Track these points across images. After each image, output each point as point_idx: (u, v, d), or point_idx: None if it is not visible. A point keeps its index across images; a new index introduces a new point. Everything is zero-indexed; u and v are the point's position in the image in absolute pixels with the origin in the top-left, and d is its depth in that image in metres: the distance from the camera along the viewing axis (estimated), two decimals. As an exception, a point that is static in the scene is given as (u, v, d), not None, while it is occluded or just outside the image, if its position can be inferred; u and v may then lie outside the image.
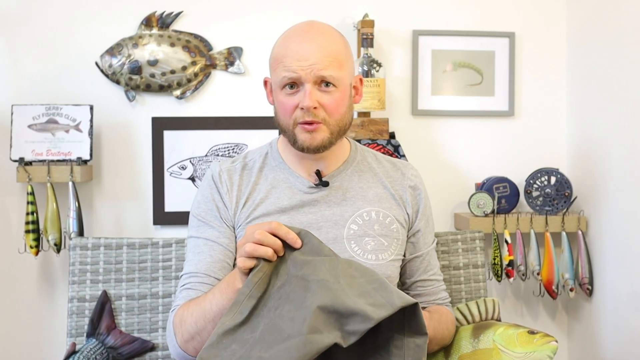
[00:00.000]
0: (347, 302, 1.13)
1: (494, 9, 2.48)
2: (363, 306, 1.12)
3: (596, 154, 2.32)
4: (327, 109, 1.48)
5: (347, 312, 1.12)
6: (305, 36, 1.49)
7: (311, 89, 1.45)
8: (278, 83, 1.49)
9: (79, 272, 1.87)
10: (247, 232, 1.27)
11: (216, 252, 1.53)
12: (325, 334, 1.10)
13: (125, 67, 2.29)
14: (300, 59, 1.45)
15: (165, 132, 2.32)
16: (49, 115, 2.22)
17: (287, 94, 1.49)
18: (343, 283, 1.16)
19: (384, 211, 1.58)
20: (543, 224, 2.35)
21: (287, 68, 1.46)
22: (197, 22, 2.36)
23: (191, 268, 1.53)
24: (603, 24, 2.28)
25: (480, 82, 2.47)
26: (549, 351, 1.60)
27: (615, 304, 2.24)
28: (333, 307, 1.12)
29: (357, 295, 1.15)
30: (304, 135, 1.49)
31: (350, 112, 1.55)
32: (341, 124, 1.52)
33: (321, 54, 1.46)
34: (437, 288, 1.67)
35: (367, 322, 1.11)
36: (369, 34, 2.30)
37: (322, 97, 1.47)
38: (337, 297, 1.13)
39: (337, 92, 1.48)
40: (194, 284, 1.50)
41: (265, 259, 1.24)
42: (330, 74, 1.46)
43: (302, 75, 1.45)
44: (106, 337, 1.85)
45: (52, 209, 2.21)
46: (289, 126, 1.51)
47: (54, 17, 2.31)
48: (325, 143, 1.50)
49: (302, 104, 1.46)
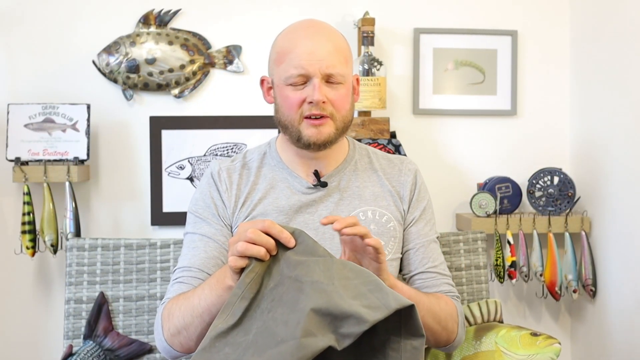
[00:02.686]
0: (342, 305, 1.12)
1: (496, 6, 2.47)
2: (358, 308, 1.11)
3: (600, 153, 2.31)
4: (335, 104, 1.49)
5: (341, 315, 1.11)
6: (310, 31, 1.50)
7: (320, 84, 1.46)
8: (285, 79, 1.49)
9: (75, 273, 1.89)
10: (240, 230, 1.24)
11: (211, 249, 1.54)
12: (320, 337, 1.09)
13: (122, 65, 2.28)
14: (310, 53, 1.46)
15: (164, 131, 2.32)
16: (46, 115, 2.22)
17: (294, 89, 1.49)
18: (337, 284, 1.15)
19: (380, 210, 1.58)
20: (546, 225, 2.35)
21: (294, 64, 1.46)
22: (196, 20, 2.36)
23: (185, 262, 1.53)
24: (606, 22, 2.27)
25: (483, 81, 2.46)
26: (552, 353, 1.61)
27: (619, 305, 2.23)
28: (327, 310, 1.11)
29: (351, 297, 1.14)
30: (310, 130, 1.49)
31: (352, 110, 1.57)
32: (346, 120, 1.53)
33: (329, 49, 1.47)
34: (439, 281, 1.60)
35: (361, 324, 1.10)
36: (369, 32, 2.30)
37: (329, 92, 1.48)
38: (331, 299, 1.12)
39: (343, 87, 1.50)
40: (186, 278, 1.50)
41: (257, 259, 1.21)
42: (338, 71, 1.47)
43: (310, 70, 1.46)
44: (103, 339, 1.86)
45: (48, 210, 2.20)
46: (294, 122, 1.50)
47: (51, 15, 2.31)
48: (331, 138, 1.51)
49: (310, 98, 1.46)
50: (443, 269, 1.62)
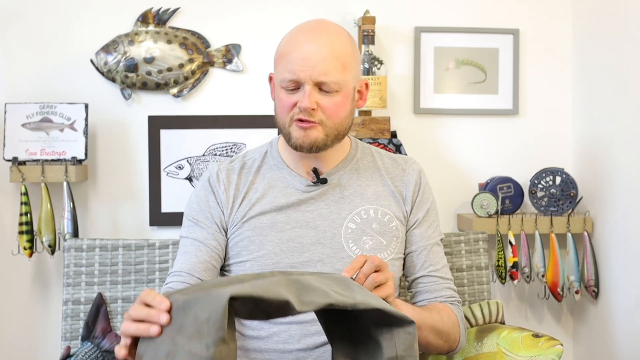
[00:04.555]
0: (311, 282, 1.11)
1: (498, 5, 2.47)
2: (326, 287, 1.11)
3: (602, 153, 2.30)
4: (326, 112, 1.48)
5: (309, 287, 1.10)
6: (311, 35, 1.49)
7: (311, 90, 1.46)
8: (279, 81, 1.50)
9: (73, 274, 1.90)
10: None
11: (202, 253, 1.54)
12: (283, 289, 1.07)
13: (121, 64, 2.27)
14: (302, 59, 1.46)
15: (162, 131, 2.31)
16: (43, 114, 2.21)
17: (287, 92, 1.49)
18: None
19: (382, 209, 1.58)
20: (548, 225, 2.34)
21: (288, 68, 1.47)
22: (195, 18, 2.35)
23: (176, 267, 1.55)
24: (609, 21, 2.27)
25: (484, 80, 2.45)
26: (554, 355, 1.61)
27: (622, 306, 2.22)
28: (297, 280, 1.10)
29: (320, 284, 1.13)
30: (297, 132, 1.50)
31: (351, 116, 1.55)
32: (340, 128, 1.52)
33: (324, 55, 1.46)
34: (440, 285, 1.60)
35: (326, 298, 1.09)
36: (370, 31, 2.30)
37: (321, 99, 1.47)
38: (299, 282, 1.11)
39: (338, 95, 1.49)
40: (175, 283, 1.51)
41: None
42: (330, 79, 1.46)
43: (302, 77, 1.46)
44: (101, 341, 1.87)
45: (46, 210, 2.20)
46: (285, 124, 1.52)
47: (48, 13, 2.30)
48: (318, 143, 1.50)
49: (300, 104, 1.47)
50: (445, 272, 1.62)
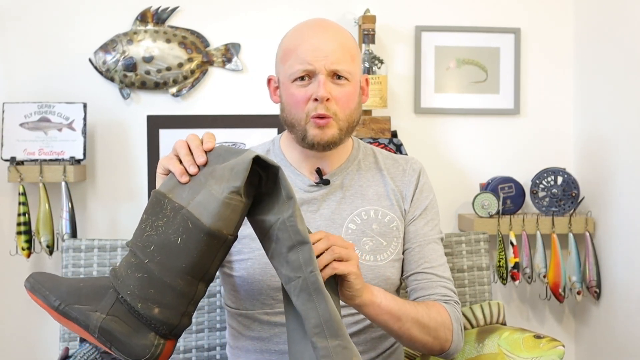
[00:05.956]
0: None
1: (499, 4, 2.47)
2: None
3: (604, 153, 2.30)
4: (339, 102, 1.48)
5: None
6: (318, 29, 1.50)
7: (325, 80, 1.46)
8: (290, 75, 1.49)
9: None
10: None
11: None
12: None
13: (119, 64, 2.27)
14: (315, 50, 1.46)
15: (161, 130, 2.32)
16: (42, 114, 2.21)
17: (299, 86, 1.48)
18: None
19: (383, 210, 1.57)
20: (549, 225, 2.34)
21: (301, 60, 1.46)
22: (194, 17, 2.35)
23: None
24: (611, 20, 2.27)
25: (485, 79, 2.45)
26: (556, 356, 1.61)
27: (624, 307, 2.22)
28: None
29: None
30: (315, 130, 1.48)
31: (359, 110, 1.55)
32: (350, 120, 1.51)
33: (335, 46, 1.47)
34: (434, 283, 1.55)
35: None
36: (370, 30, 2.30)
37: (334, 89, 1.47)
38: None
39: (349, 85, 1.49)
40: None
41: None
42: (344, 67, 1.47)
43: (316, 66, 1.45)
44: None
45: (44, 210, 2.20)
46: (301, 120, 1.49)
47: (47, 12, 2.30)
48: (335, 139, 1.49)
49: (315, 94, 1.46)
50: (442, 270, 1.57)
